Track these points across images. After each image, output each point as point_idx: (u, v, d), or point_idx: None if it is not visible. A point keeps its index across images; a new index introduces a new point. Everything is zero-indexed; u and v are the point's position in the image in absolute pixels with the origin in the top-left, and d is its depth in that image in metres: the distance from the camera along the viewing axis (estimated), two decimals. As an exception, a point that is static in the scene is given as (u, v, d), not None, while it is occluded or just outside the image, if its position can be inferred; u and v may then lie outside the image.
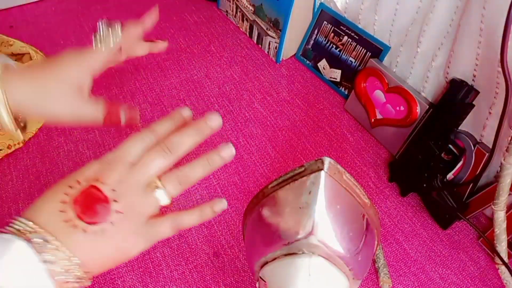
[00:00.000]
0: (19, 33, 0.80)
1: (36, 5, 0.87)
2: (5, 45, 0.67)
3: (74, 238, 0.29)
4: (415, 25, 0.57)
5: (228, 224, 0.55)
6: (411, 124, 0.60)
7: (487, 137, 0.52)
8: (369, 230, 0.37)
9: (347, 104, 0.71)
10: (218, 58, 0.79)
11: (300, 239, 0.33)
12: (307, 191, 0.33)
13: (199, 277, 0.50)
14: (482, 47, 0.47)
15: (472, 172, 0.52)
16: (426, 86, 0.59)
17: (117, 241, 0.31)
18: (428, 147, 0.55)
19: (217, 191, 0.59)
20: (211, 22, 0.87)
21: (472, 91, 0.50)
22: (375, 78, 0.64)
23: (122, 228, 0.31)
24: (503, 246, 0.49)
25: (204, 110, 0.69)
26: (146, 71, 0.75)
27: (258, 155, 0.64)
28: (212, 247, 0.53)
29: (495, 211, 0.47)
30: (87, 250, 0.30)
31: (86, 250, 0.29)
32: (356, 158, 0.64)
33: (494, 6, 0.43)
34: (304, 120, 0.69)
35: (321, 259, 0.34)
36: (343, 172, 0.35)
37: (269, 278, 0.37)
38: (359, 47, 0.68)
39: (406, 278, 0.52)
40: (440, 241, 0.56)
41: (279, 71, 0.78)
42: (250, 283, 0.50)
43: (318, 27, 0.74)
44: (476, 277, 0.52)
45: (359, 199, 0.36)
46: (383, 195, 0.60)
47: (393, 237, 0.56)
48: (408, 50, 0.60)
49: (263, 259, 0.37)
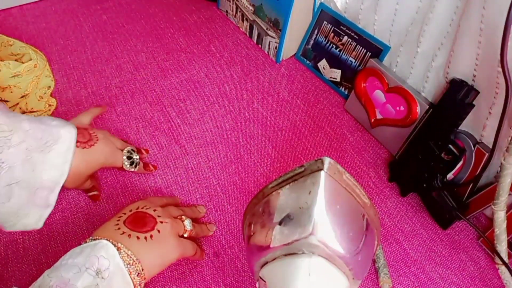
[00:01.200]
0: (19, 33, 0.80)
1: (36, 5, 0.87)
2: (5, 45, 0.67)
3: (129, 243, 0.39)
4: (415, 25, 0.57)
5: (228, 224, 0.55)
6: (411, 124, 0.60)
7: (487, 137, 0.52)
8: (369, 230, 0.37)
9: (347, 104, 0.71)
10: (218, 58, 0.79)
11: (300, 239, 0.33)
12: (307, 191, 0.33)
13: (199, 277, 0.50)
14: (482, 47, 0.47)
15: (472, 172, 0.52)
16: (426, 86, 0.59)
17: (161, 247, 0.41)
18: (428, 147, 0.55)
19: (217, 191, 0.59)
20: (211, 22, 0.87)
21: (472, 91, 0.50)
22: (375, 78, 0.64)
23: (165, 235, 0.42)
24: (503, 246, 0.49)
25: (204, 110, 0.69)
26: (146, 71, 0.75)
27: (258, 155, 0.64)
28: (212, 247, 0.53)
29: (495, 211, 0.47)
30: (141, 252, 0.39)
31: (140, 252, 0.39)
32: (356, 158, 0.64)
33: (494, 6, 0.43)
34: (304, 120, 0.69)
35: (321, 259, 0.34)
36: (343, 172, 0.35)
37: (269, 278, 0.37)
38: (359, 47, 0.68)
39: (406, 278, 0.52)
40: (440, 241, 0.56)
41: (279, 71, 0.78)
42: (250, 283, 0.50)
43: (318, 27, 0.74)
44: (476, 277, 0.53)
45: (359, 199, 0.36)
46: (383, 195, 0.60)
47: (393, 237, 0.56)
48: (408, 50, 0.60)
49: (263, 259, 0.37)
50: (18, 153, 0.41)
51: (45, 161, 0.43)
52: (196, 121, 0.68)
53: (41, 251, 0.51)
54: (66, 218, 0.54)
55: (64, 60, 0.76)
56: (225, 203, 0.58)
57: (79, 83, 0.72)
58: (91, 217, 0.54)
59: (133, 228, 0.40)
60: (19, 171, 0.41)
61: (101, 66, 0.75)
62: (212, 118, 0.68)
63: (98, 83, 0.72)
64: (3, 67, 0.60)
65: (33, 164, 0.42)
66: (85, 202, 0.56)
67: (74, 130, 0.47)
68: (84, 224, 0.54)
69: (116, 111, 0.68)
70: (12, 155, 0.41)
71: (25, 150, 0.42)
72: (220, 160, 0.62)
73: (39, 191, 0.44)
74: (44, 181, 0.44)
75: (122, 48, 0.79)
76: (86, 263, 0.36)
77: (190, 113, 0.69)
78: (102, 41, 0.80)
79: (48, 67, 0.71)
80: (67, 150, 0.45)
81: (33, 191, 0.43)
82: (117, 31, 0.83)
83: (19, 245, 0.51)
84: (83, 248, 0.38)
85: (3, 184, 0.40)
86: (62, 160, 0.45)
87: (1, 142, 0.40)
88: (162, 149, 0.63)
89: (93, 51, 0.78)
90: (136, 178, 0.59)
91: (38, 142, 0.43)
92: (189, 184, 0.59)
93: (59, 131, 0.46)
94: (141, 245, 0.39)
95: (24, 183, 0.42)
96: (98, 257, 0.36)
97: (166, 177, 0.60)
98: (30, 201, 0.43)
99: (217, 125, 0.67)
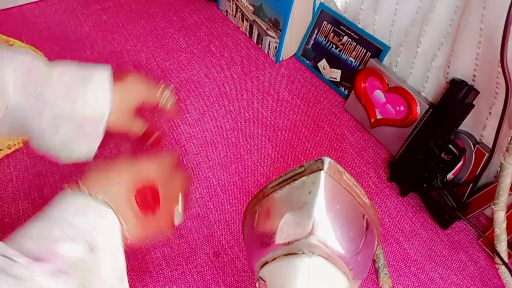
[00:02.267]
0: (19, 33, 0.80)
1: (36, 5, 0.87)
2: (5, 45, 0.67)
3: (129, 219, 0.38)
4: (415, 25, 0.57)
5: (228, 224, 0.55)
6: (411, 124, 0.60)
7: (487, 137, 0.52)
8: (369, 230, 0.37)
9: (347, 104, 0.71)
10: (218, 58, 0.79)
11: (300, 239, 0.33)
12: (307, 191, 0.33)
13: (199, 277, 0.50)
14: (482, 47, 0.47)
15: (472, 172, 0.52)
16: (426, 86, 0.59)
17: (151, 228, 0.40)
18: (428, 147, 0.55)
19: (217, 191, 0.59)
20: (211, 22, 0.87)
21: (472, 91, 0.50)
22: (375, 78, 0.64)
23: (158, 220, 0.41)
24: (503, 246, 0.49)
25: (204, 110, 0.69)
26: (146, 71, 0.75)
27: (258, 155, 0.64)
28: (212, 247, 0.53)
29: (495, 211, 0.47)
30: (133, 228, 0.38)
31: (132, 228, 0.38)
32: (356, 158, 0.64)
33: (494, 6, 0.43)
34: (304, 120, 0.69)
35: (321, 259, 0.34)
36: (343, 172, 0.35)
37: (269, 278, 0.37)
38: (359, 47, 0.68)
39: (406, 278, 0.52)
40: (440, 241, 0.56)
41: (279, 71, 0.78)
42: (250, 283, 0.50)
43: (318, 27, 0.74)
44: (476, 277, 0.53)
45: (359, 199, 0.36)
46: (383, 195, 0.60)
47: (393, 237, 0.56)
48: (408, 50, 0.60)
49: (263, 259, 0.37)
50: (59, 89, 0.44)
51: (86, 94, 0.45)
52: (196, 121, 0.68)
53: (41, 251, 0.51)
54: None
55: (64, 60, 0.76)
56: (225, 203, 0.58)
57: (79, 83, 0.72)
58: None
59: (141, 207, 0.39)
60: (62, 106, 0.44)
61: (101, 66, 0.75)
62: (212, 118, 0.68)
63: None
64: (3, 67, 0.60)
65: (74, 98, 0.44)
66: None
67: (108, 66, 0.49)
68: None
69: (116, 111, 0.68)
70: (53, 91, 0.43)
71: (65, 86, 0.44)
72: (220, 160, 0.62)
73: (87, 123, 0.46)
74: (89, 112, 0.45)
75: (122, 48, 0.79)
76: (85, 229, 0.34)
77: (190, 113, 0.69)
78: (102, 41, 0.80)
79: (48, 67, 0.70)
80: (105, 79, 0.47)
81: (80, 124, 0.45)
82: (117, 31, 0.83)
83: (19, 245, 0.51)
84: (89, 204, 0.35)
85: (49, 118, 0.43)
86: (102, 89, 0.46)
87: (41, 81, 0.42)
88: (162, 149, 0.63)
89: (93, 51, 0.78)
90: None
91: (76, 78, 0.45)
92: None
93: (93, 68, 0.48)
94: (136, 225, 0.38)
95: (68, 117, 0.44)
96: (102, 231, 0.35)
97: (166, 177, 0.60)
98: (79, 133, 0.46)
99: (217, 125, 0.67)
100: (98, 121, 0.46)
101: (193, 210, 0.56)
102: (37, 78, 0.42)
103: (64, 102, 0.44)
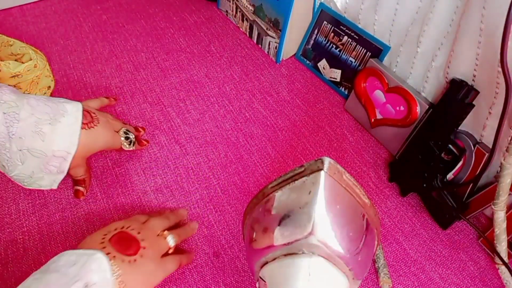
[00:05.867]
0: (19, 33, 0.80)
1: (36, 5, 0.87)
2: (5, 45, 0.67)
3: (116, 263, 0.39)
4: (415, 25, 0.57)
5: (228, 224, 0.55)
6: (411, 124, 0.60)
7: (487, 137, 0.52)
8: (369, 230, 0.37)
9: (347, 104, 0.71)
10: (218, 58, 0.79)
11: (300, 239, 0.33)
12: (307, 191, 0.33)
13: (199, 277, 0.50)
14: (482, 47, 0.47)
15: (472, 172, 0.52)
16: (426, 86, 0.59)
17: (144, 271, 0.41)
18: (428, 147, 0.55)
19: (217, 191, 0.59)
20: (211, 22, 0.87)
21: (472, 91, 0.50)
22: (375, 78, 0.64)
23: (148, 260, 0.42)
24: (503, 246, 0.49)
25: (204, 110, 0.69)
26: (146, 71, 0.75)
27: (258, 155, 0.64)
28: (212, 247, 0.53)
29: (495, 211, 0.47)
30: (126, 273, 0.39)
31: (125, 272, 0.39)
32: (356, 158, 0.64)
33: (494, 6, 0.43)
34: (304, 120, 0.69)
35: (321, 259, 0.34)
36: (343, 172, 0.35)
37: (269, 278, 0.37)
38: (359, 47, 0.68)
39: (406, 278, 0.52)
40: (440, 241, 0.56)
41: (279, 71, 0.78)
42: (250, 283, 0.50)
43: (318, 27, 0.74)
44: (476, 277, 0.53)
45: (359, 199, 0.36)
46: (383, 195, 0.60)
47: (393, 237, 0.56)
48: (408, 50, 0.60)
49: (263, 259, 0.37)
50: (27, 126, 0.44)
51: (54, 132, 0.46)
52: (196, 121, 0.68)
53: (41, 251, 0.51)
54: (66, 218, 0.54)
55: (64, 60, 0.76)
56: (225, 203, 0.58)
57: (79, 83, 0.72)
58: (91, 217, 0.54)
59: (118, 249, 0.40)
60: (29, 141, 0.44)
61: (101, 66, 0.75)
62: (212, 118, 0.68)
63: (98, 83, 0.72)
64: (3, 67, 0.60)
65: (43, 135, 0.45)
66: (85, 202, 0.56)
67: (80, 105, 0.50)
68: (84, 224, 0.54)
69: (116, 111, 0.68)
70: (21, 129, 0.44)
71: (34, 123, 0.45)
72: (220, 160, 0.62)
73: (52, 160, 0.47)
74: (56, 151, 0.46)
75: (122, 48, 0.79)
76: (78, 274, 0.36)
77: (190, 113, 0.69)
78: (102, 41, 0.80)
79: (48, 67, 0.71)
80: (74, 122, 0.48)
81: (46, 160, 0.46)
82: (117, 31, 0.83)
83: (19, 245, 0.51)
84: (79, 256, 0.37)
85: (15, 149, 0.44)
86: (70, 131, 0.48)
87: (10, 117, 0.43)
88: (162, 148, 0.63)
89: (93, 51, 0.78)
90: (136, 178, 0.59)
91: (46, 116, 0.46)
92: (189, 184, 0.59)
93: (65, 105, 0.48)
94: (126, 268, 0.39)
95: (35, 152, 0.45)
96: (91, 270, 0.36)
97: (166, 177, 0.60)
98: (44, 168, 0.47)
99: (217, 125, 0.67)
100: (63, 160, 0.48)
101: (193, 210, 0.56)
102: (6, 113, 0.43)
103: (32, 139, 0.45)
